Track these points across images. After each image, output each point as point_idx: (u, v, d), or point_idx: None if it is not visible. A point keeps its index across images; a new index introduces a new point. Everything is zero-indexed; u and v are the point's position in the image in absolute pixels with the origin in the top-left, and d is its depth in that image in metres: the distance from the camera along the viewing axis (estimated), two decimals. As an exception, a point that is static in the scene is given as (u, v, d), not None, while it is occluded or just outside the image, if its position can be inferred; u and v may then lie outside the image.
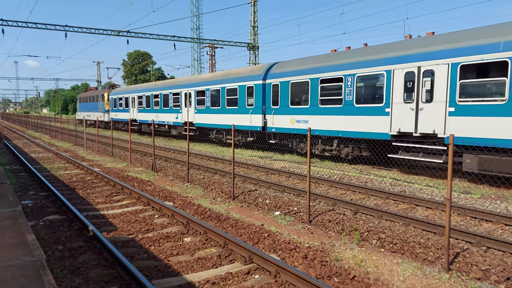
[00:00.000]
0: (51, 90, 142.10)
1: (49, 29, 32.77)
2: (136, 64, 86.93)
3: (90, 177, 13.58)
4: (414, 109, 12.34)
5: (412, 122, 12.40)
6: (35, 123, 49.46)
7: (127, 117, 34.13)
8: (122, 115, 35.46)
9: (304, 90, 16.47)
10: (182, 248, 6.58)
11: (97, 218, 8.46)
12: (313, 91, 15.91)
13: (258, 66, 20.93)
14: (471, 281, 5.33)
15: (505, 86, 10.23)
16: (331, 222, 8.04)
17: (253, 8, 41.67)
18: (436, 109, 11.77)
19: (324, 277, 5.43)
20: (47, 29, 32.90)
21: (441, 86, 11.61)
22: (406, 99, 12.62)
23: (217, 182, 12.39)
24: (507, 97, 10.15)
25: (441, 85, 11.61)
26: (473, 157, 10.98)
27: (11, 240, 3.92)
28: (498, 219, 7.95)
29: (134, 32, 35.75)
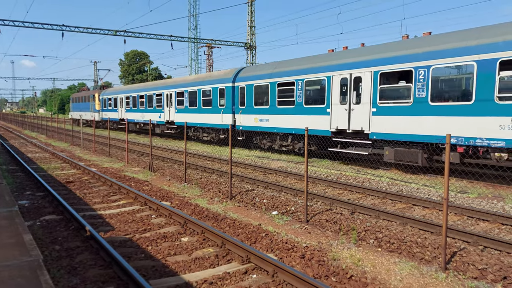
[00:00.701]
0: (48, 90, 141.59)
1: (46, 28, 32.65)
2: (133, 64, 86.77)
3: (87, 177, 13.54)
4: (347, 109, 14.49)
5: (346, 121, 14.55)
6: (32, 123, 49.27)
7: (116, 117, 36.22)
8: (111, 115, 37.27)
9: (265, 93, 18.53)
10: (179, 248, 6.57)
11: (94, 218, 8.44)
12: (272, 93, 18.02)
13: (228, 70, 22.61)
14: (468, 280, 5.35)
15: (411, 91, 12.49)
16: (328, 221, 8.06)
17: (250, 8, 41.68)
18: (363, 110, 13.90)
19: (322, 276, 5.44)
20: (43, 29, 32.81)
21: (367, 90, 13.75)
22: (341, 101, 14.78)
23: (215, 182, 12.39)
24: (412, 100, 12.40)
25: (367, 89, 13.75)
26: (391, 149, 13.24)
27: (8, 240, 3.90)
28: (494, 218, 7.98)
29: (131, 32, 35.68)
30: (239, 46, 42.74)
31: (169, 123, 26.80)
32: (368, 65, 13.69)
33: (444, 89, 12.35)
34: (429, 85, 12.01)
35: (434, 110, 11.93)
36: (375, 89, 13.46)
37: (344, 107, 14.58)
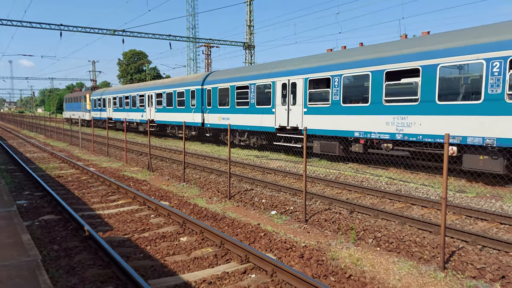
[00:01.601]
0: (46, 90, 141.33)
1: (44, 28, 32.58)
2: (131, 64, 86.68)
3: (85, 177, 13.52)
4: (287, 110, 17.23)
5: (286, 119, 17.36)
6: (30, 123, 49.19)
7: (105, 116, 38.70)
8: (101, 114, 39.98)
9: (227, 95, 21.17)
10: (178, 248, 6.57)
11: (93, 218, 8.43)
12: (232, 95, 20.64)
13: (199, 74, 26.05)
14: (466, 280, 5.36)
15: (329, 94, 15.21)
16: (327, 221, 8.06)
17: (249, 7, 41.66)
18: (298, 110, 16.70)
19: (321, 276, 5.44)
20: (42, 28, 32.72)
21: (300, 94, 16.53)
22: (282, 103, 17.51)
23: (213, 181, 12.38)
24: (330, 102, 15.18)
25: (300, 93, 16.54)
26: (318, 142, 16.10)
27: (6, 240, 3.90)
28: (493, 217, 8.00)
29: (130, 32, 35.65)
30: (237, 45, 42.74)
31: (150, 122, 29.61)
32: (301, 73, 16.47)
33: (352, 93, 14.75)
34: (341, 90, 14.76)
35: (345, 110, 14.69)
36: (305, 93, 16.24)
37: (284, 107, 17.38)
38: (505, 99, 10.24)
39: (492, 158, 10.71)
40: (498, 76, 10.37)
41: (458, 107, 11.28)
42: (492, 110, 10.52)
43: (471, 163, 11.21)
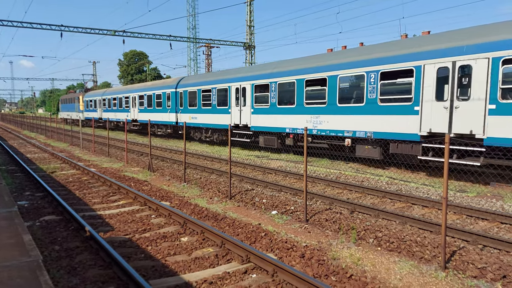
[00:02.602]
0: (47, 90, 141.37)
1: (45, 29, 32.60)
2: (132, 64, 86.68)
3: (86, 177, 13.53)
4: (239, 110, 20.24)
5: (238, 118, 20.33)
6: (31, 123, 49.23)
7: (96, 116, 41.56)
8: (92, 114, 42.56)
9: (195, 97, 24.07)
10: (179, 248, 6.57)
11: (94, 218, 8.43)
12: (198, 98, 23.69)
13: (174, 79, 28.85)
14: (467, 279, 5.36)
15: (269, 97, 18.22)
16: (328, 221, 8.06)
17: (249, 7, 41.65)
18: (247, 110, 19.67)
19: (322, 276, 5.44)
20: (42, 29, 32.75)
21: (249, 97, 19.42)
22: (236, 104, 20.41)
23: (214, 181, 12.39)
24: (270, 103, 18.14)
25: (249, 96, 19.41)
26: (262, 137, 18.95)
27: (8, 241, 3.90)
28: (494, 217, 7.99)
29: (130, 32, 35.65)
30: (238, 45, 42.73)
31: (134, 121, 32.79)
32: (249, 79, 19.47)
33: (284, 96, 17.62)
34: (277, 94, 17.75)
35: (279, 111, 17.73)
36: (252, 96, 19.17)
37: (237, 108, 20.29)
38: (377, 103, 13.41)
39: (373, 147, 13.90)
40: (374, 85, 13.52)
41: (351, 108, 14.37)
42: (370, 110, 13.67)
43: (360, 151, 14.32)
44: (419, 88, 12.20)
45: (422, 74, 12.13)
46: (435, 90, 11.86)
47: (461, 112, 11.25)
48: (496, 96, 10.47)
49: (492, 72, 10.55)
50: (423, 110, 12.13)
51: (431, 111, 11.94)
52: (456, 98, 11.36)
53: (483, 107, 10.74)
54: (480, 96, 10.80)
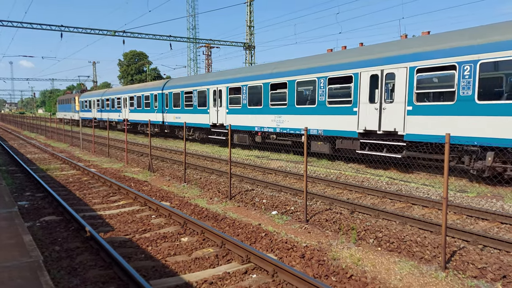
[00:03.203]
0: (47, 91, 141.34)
1: (45, 29, 32.60)
2: (132, 64, 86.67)
3: (86, 178, 13.53)
4: (216, 110, 22.02)
5: (216, 117, 22.13)
6: (31, 124, 49.24)
7: (90, 116, 43.47)
8: (87, 114, 44.83)
9: (179, 98, 25.92)
10: (179, 248, 6.58)
11: (94, 218, 8.43)
12: (182, 99, 25.48)
13: (161, 81, 31.27)
14: (467, 280, 5.36)
15: (240, 99, 20.08)
16: (328, 221, 8.06)
17: (249, 8, 41.67)
18: (223, 111, 21.47)
19: (322, 276, 5.44)
20: (42, 29, 32.74)
21: (224, 98, 21.32)
22: (214, 105, 22.35)
23: (214, 182, 12.39)
24: (241, 104, 19.99)
25: (224, 97, 21.32)
26: (236, 135, 20.66)
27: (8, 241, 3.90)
28: (494, 217, 8.00)
29: (130, 32, 35.65)
30: (238, 46, 42.73)
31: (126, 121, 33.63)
32: (225, 83, 21.40)
33: (253, 98, 19.28)
34: (247, 96, 19.60)
35: (249, 111, 19.57)
36: (227, 98, 21.09)
37: (215, 109, 22.14)
38: (326, 104, 15.28)
39: (324, 143, 15.81)
40: (323, 89, 15.38)
41: (306, 109, 16.22)
42: (320, 111, 15.56)
43: (315, 147, 16.18)
44: (357, 92, 14.06)
45: (359, 80, 13.96)
46: (369, 94, 13.69)
47: (388, 112, 13.07)
48: (413, 99, 12.31)
49: (409, 79, 12.37)
50: (360, 111, 13.98)
51: (365, 112, 13.79)
52: (384, 100, 13.23)
53: (403, 108, 12.59)
54: (401, 99, 12.62)
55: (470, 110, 11.03)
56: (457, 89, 11.26)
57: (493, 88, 10.87)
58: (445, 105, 11.58)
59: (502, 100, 10.46)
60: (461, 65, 11.14)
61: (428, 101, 12.21)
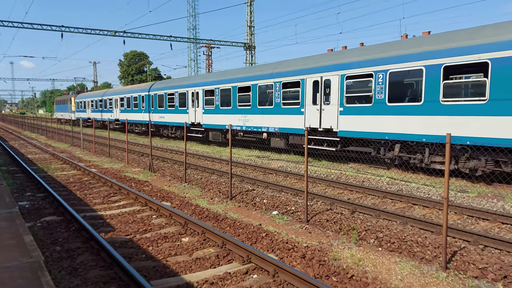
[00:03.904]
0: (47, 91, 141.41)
1: (45, 29, 32.63)
2: (132, 65, 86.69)
3: (87, 178, 13.54)
4: (194, 111, 24.12)
5: (194, 117, 24.20)
6: (32, 124, 49.27)
7: (85, 116, 45.45)
8: (82, 115, 46.95)
9: (163, 99, 28.17)
10: (180, 248, 6.58)
11: (95, 219, 8.44)
12: (165, 100, 27.66)
13: (147, 83, 33.75)
14: (468, 280, 5.36)
15: (214, 100, 22.09)
16: (329, 221, 8.06)
17: (250, 8, 41.67)
18: (200, 111, 23.61)
19: (323, 276, 5.44)
20: (43, 30, 32.77)
21: (201, 99, 23.47)
22: (192, 106, 24.34)
23: (215, 182, 12.39)
24: (215, 105, 22.01)
25: (201, 99, 23.47)
26: (211, 133, 23.08)
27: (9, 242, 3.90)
28: (495, 217, 7.99)
29: (131, 33, 35.67)
30: (238, 46, 42.74)
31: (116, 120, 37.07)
32: (200, 85, 23.63)
33: (224, 100, 21.46)
34: (219, 98, 21.77)
35: (221, 111, 21.51)
36: (203, 99, 23.17)
37: (193, 109, 24.23)
38: (281, 106, 17.53)
39: (280, 139, 17.97)
40: (278, 92, 17.64)
41: (266, 109, 18.44)
42: (277, 111, 17.79)
43: (274, 143, 18.38)
44: (304, 95, 16.28)
45: (305, 85, 16.19)
46: (312, 97, 15.93)
47: (326, 113, 15.35)
48: (343, 101, 14.57)
49: (341, 85, 14.60)
50: (306, 111, 16.27)
51: (310, 112, 16.05)
52: (323, 103, 15.43)
53: (337, 109, 14.88)
54: (335, 101, 14.90)
55: (383, 111, 13.26)
56: (374, 93, 13.48)
57: (399, 92, 13.00)
58: (366, 107, 13.83)
59: (405, 103, 12.70)
60: (376, 73, 13.35)
61: (354, 103, 14.38)
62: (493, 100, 10.50)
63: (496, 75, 10.38)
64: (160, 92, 28.35)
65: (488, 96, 10.57)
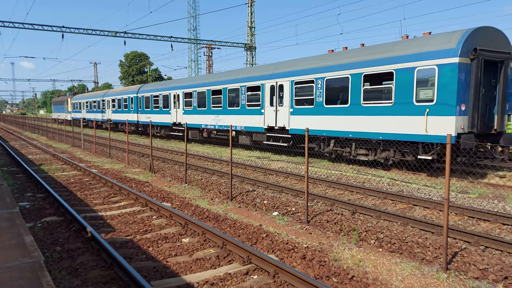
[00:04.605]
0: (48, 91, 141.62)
1: (46, 30, 32.68)
2: (133, 65, 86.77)
3: (87, 178, 13.54)
4: (176, 111, 26.62)
5: (176, 118, 26.66)
6: (32, 125, 49.32)
7: (80, 116, 47.37)
8: (78, 115, 49.28)
9: (149, 101, 30.61)
10: (180, 249, 6.57)
11: (95, 219, 8.44)
12: (151, 101, 30.19)
13: (136, 86, 36.28)
14: (469, 280, 5.35)
15: (192, 102, 24.61)
16: (329, 222, 8.05)
17: (250, 8, 41.71)
18: (180, 111, 26.12)
19: (323, 277, 5.43)
20: (43, 30, 32.82)
21: (181, 101, 25.86)
22: (174, 107, 26.75)
23: (215, 182, 12.38)
24: (193, 106, 24.57)
25: (181, 100, 25.84)
26: (190, 132, 25.24)
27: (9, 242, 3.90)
28: (495, 218, 7.98)
29: (131, 33, 35.73)
30: (239, 47, 42.77)
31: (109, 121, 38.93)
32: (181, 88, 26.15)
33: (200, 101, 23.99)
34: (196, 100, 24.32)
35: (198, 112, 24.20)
36: (183, 101, 25.56)
37: (175, 110, 26.66)
38: (246, 107, 19.95)
39: (246, 137, 20.38)
40: (244, 95, 20.01)
41: (233, 110, 20.89)
42: (243, 112, 20.19)
43: (241, 140, 20.68)
44: (263, 98, 18.73)
45: (264, 89, 18.62)
46: (270, 99, 18.34)
47: (280, 113, 17.78)
48: (293, 103, 17.01)
49: (291, 89, 17.11)
50: (265, 112, 18.68)
51: (268, 113, 18.47)
52: (278, 104, 17.90)
53: (288, 110, 17.30)
54: (287, 103, 17.36)
55: (321, 111, 15.70)
56: (315, 97, 15.96)
57: (333, 96, 15.32)
58: (309, 108, 16.27)
59: (338, 105, 15.05)
60: (316, 80, 15.87)
61: (301, 105, 16.73)
62: (397, 103, 12.88)
63: (398, 82, 12.75)
64: (147, 94, 30.87)
65: (394, 99, 12.93)
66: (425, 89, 12.10)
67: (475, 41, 11.52)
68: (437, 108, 11.73)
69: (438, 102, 11.69)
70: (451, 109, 11.39)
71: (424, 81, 12.10)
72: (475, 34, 11.60)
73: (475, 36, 11.57)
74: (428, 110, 11.90)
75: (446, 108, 11.52)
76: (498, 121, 12.19)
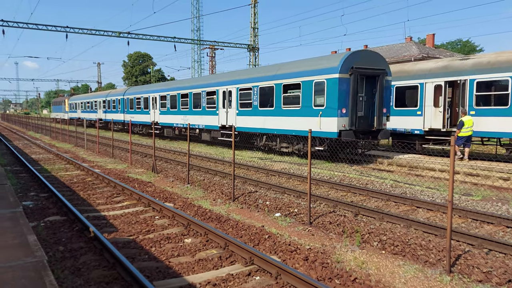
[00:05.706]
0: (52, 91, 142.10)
1: (50, 30, 32.82)
2: (136, 66, 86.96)
3: (90, 178, 13.58)
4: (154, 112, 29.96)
5: (154, 117, 29.90)
6: (36, 124, 49.51)
7: (76, 116, 50.05)
8: (74, 115, 51.99)
9: (133, 102, 34.04)
10: (182, 249, 6.57)
11: (98, 219, 8.45)
12: (135, 103, 33.59)
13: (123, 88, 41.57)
14: (472, 283, 5.32)
15: (166, 104, 27.97)
16: (332, 224, 8.03)
17: (253, 9, 41.73)
18: (157, 112, 29.45)
19: (325, 279, 5.42)
20: (47, 30, 32.96)
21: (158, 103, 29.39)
22: (152, 108, 30.17)
23: (218, 183, 12.38)
24: (167, 108, 27.87)
25: (158, 102, 29.35)
26: (165, 130, 28.63)
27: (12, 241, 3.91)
28: (499, 221, 7.93)
29: (135, 34, 35.83)
30: (242, 47, 42.79)
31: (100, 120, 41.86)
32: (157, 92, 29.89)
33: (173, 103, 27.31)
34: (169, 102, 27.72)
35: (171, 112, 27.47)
36: (159, 103, 29.11)
37: (154, 111, 30.09)
38: (205, 108, 23.59)
39: (207, 134, 23.66)
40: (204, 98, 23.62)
41: (197, 111, 24.33)
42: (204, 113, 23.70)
43: (203, 137, 24.04)
44: (218, 101, 22.29)
45: (219, 94, 22.19)
46: (222, 102, 21.89)
47: (230, 114, 21.33)
48: (238, 106, 20.54)
49: (237, 94, 20.65)
50: (219, 113, 22.21)
51: (221, 114, 21.99)
52: (228, 107, 21.44)
53: (235, 111, 20.82)
54: (234, 106, 20.84)
55: (257, 113, 19.38)
56: (252, 101, 19.57)
57: (264, 101, 18.91)
58: (249, 110, 19.86)
59: (267, 108, 18.68)
60: (253, 87, 19.53)
61: (244, 108, 20.18)
62: (303, 106, 16.56)
63: (304, 91, 16.50)
64: (131, 97, 34.35)
65: (301, 104, 16.65)
66: (319, 97, 15.69)
67: (353, 61, 14.94)
68: (326, 111, 15.39)
69: (327, 106, 15.32)
70: (335, 112, 14.97)
71: (319, 91, 15.68)
72: (353, 56, 15.11)
73: (353, 58, 14.99)
74: (321, 112, 15.51)
75: (331, 111, 15.12)
76: (376, 121, 15.78)
